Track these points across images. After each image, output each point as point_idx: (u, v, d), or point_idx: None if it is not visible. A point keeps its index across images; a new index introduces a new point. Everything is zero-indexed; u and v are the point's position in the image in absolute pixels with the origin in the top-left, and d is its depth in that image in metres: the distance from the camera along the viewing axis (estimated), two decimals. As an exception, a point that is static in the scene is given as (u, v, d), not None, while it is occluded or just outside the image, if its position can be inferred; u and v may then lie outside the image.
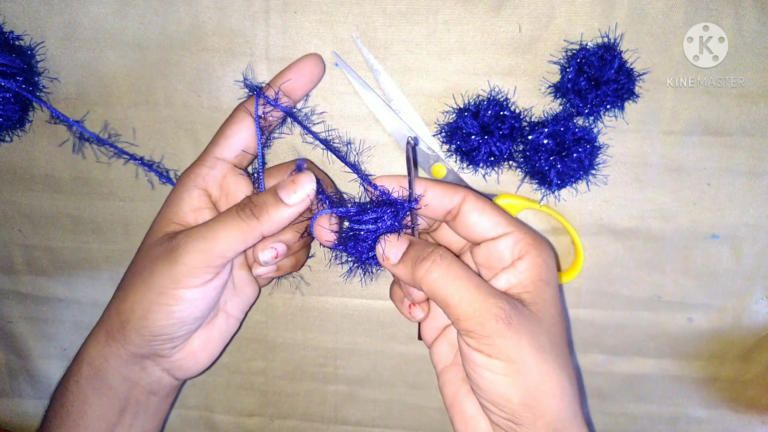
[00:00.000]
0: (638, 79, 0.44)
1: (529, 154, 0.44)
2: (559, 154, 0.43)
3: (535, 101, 0.46)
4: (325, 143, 0.45)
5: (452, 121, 0.46)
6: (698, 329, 0.51)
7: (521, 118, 0.45)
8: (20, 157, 0.50)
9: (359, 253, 0.41)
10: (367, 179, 0.42)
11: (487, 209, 0.40)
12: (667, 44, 0.44)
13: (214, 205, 0.42)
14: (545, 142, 0.43)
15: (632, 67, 0.44)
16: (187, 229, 0.40)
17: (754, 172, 0.47)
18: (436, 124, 0.47)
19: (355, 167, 0.43)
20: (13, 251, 0.53)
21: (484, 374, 0.36)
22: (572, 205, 0.48)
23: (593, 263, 0.49)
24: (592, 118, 0.45)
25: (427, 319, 0.44)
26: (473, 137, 0.44)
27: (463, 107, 0.45)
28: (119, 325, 0.40)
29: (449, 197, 0.40)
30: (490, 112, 0.44)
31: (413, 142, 0.38)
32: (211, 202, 0.42)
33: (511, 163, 0.47)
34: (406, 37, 0.45)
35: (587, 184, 0.46)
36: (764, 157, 0.46)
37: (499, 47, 0.45)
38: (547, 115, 0.46)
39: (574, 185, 0.46)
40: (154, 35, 0.46)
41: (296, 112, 0.44)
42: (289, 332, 0.54)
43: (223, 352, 0.47)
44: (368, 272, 0.42)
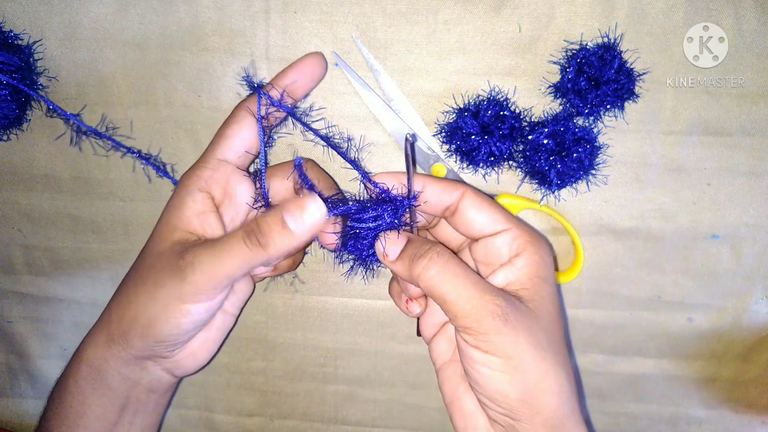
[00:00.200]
0: (638, 79, 0.44)
1: (529, 154, 0.44)
2: (559, 154, 0.43)
3: (535, 101, 0.46)
4: (326, 140, 0.45)
5: (452, 121, 0.46)
6: (698, 329, 0.51)
7: (521, 118, 0.45)
8: (20, 156, 0.50)
9: (359, 251, 0.41)
10: (366, 176, 0.42)
11: (485, 206, 0.40)
12: (667, 44, 0.44)
13: (217, 207, 0.42)
14: (545, 142, 0.43)
15: (632, 67, 0.44)
16: (194, 246, 0.39)
17: (754, 172, 0.47)
18: (436, 124, 0.47)
19: (355, 164, 0.43)
20: (13, 251, 0.53)
21: (481, 370, 0.36)
22: (572, 205, 0.48)
23: (593, 263, 0.49)
24: (592, 118, 0.45)
25: (425, 315, 0.44)
26: (473, 137, 0.44)
27: (463, 107, 0.45)
28: (121, 331, 0.40)
29: (448, 193, 0.40)
30: (490, 112, 0.44)
31: (411, 138, 0.38)
32: (214, 204, 0.42)
33: (511, 163, 0.47)
34: (406, 37, 0.45)
35: (587, 184, 0.46)
36: (764, 157, 0.46)
37: (499, 47, 0.45)
38: (547, 115, 0.46)
39: (574, 185, 0.46)
40: (154, 35, 0.46)
41: (296, 110, 0.44)
42: (289, 332, 0.54)
43: (221, 347, 0.47)
44: (369, 270, 0.42)
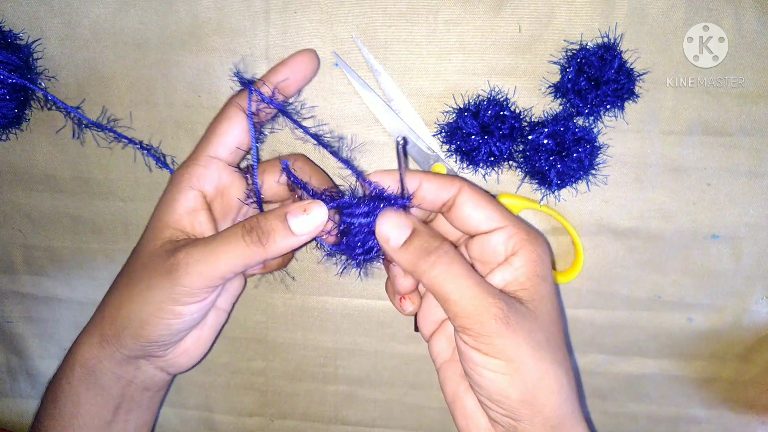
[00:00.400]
0: (638, 79, 0.44)
1: (529, 154, 0.44)
2: (559, 154, 0.43)
3: (535, 101, 0.46)
4: (315, 138, 0.44)
5: (452, 121, 0.45)
6: (698, 329, 0.51)
7: (521, 118, 0.45)
8: (20, 156, 0.50)
9: (351, 249, 0.40)
10: (360, 175, 0.41)
11: (482, 202, 0.39)
12: (667, 44, 0.44)
13: (209, 205, 0.42)
14: (545, 142, 0.43)
15: (632, 67, 0.44)
16: (187, 245, 0.39)
17: (754, 172, 0.47)
18: (436, 124, 0.47)
19: (348, 163, 0.43)
20: (13, 251, 0.53)
21: (482, 372, 0.36)
22: (572, 205, 0.48)
23: (593, 263, 0.49)
24: (592, 118, 0.45)
25: (423, 312, 0.44)
26: (473, 137, 0.44)
27: (463, 107, 0.45)
28: (114, 331, 0.40)
29: (445, 189, 0.40)
30: (490, 112, 0.44)
31: (403, 141, 0.37)
32: (205, 202, 0.42)
33: (511, 163, 0.47)
34: (406, 37, 0.45)
35: (587, 184, 0.46)
36: (764, 157, 0.46)
37: (499, 47, 0.45)
38: (547, 115, 0.46)
39: (574, 185, 0.46)
40: (154, 35, 0.46)
41: (288, 107, 0.44)
42: (289, 332, 0.54)
43: (214, 344, 0.47)
44: (362, 268, 0.42)
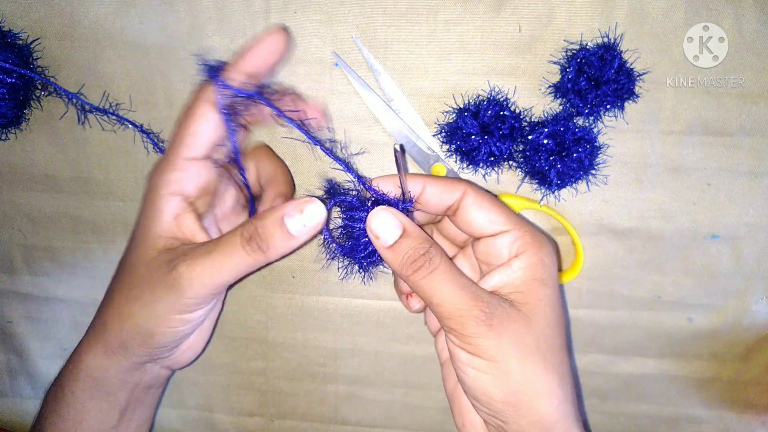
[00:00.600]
0: (638, 79, 0.44)
1: (529, 154, 0.44)
2: (559, 154, 0.43)
3: (535, 101, 0.46)
4: (297, 125, 0.41)
5: (452, 121, 0.45)
6: (698, 329, 0.51)
7: (521, 118, 0.45)
8: (20, 156, 0.50)
9: (352, 252, 0.40)
10: (360, 178, 0.40)
11: (486, 205, 0.39)
12: (667, 44, 0.44)
13: (193, 204, 0.41)
14: (545, 142, 0.43)
15: (632, 67, 0.44)
16: (186, 256, 0.38)
17: (754, 172, 0.46)
18: (436, 124, 0.47)
19: (343, 162, 0.41)
20: (13, 251, 0.53)
21: (467, 371, 0.36)
22: (572, 205, 0.48)
23: (593, 263, 0.49)
24: (592, 118, 0.45)
25: (426, 310, 0.44)
26: (473, 137, 0.44)
27: (463, 107, 0.45)
28: (119, 343, 0.40)
29: (448, 193, 0.39)
30: (490, 112, 0.44)
31: (400, 148, 0.37)
32: (189, 205, 0.41)
33: (511, 163, 0.47)
34: (406, 37, 0.45)
35: (587, 184, 0.46)
36: (764, 157, 0.46)
37: (499, 47, 0.45)
38: (547, 115, 0.46)
39: (574, 185, 0.46)
40: (154, 35, 0.46)
41: (264, 89, 0.40)
42: (289, 332, 0.54)
43: (213, 331, 0.47)
44: (364, 271, 0.42)
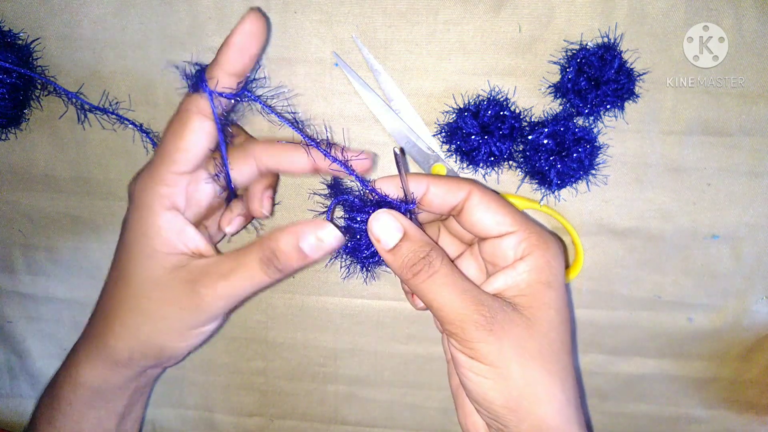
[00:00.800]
0: (638, 79, 0.44)
1: (529, 154, 0.44)
2: (559, 154, 0.43)
3: (535, 101, 0.46)
4: (288, 122, 0.40)
5: (452, 121, 0.45)
6: (698, 329, 0.51)
7: (521, 118, 0.45)
8: (20, 156, 0.50)
9: (355, 252, 0.40)
10: (363, 181, 0.40)
11: (492, 206, 0.39)
12: (667, 44, 0.44)
13: (184, 213, 0.41)
14: (545, 142, 0.43)
15: (632, 67, 0.44)
16: (205, 275, 0.39)
17: (754, 172, 0.46)
18: (436, 124, 0.47)
19: (316, 144, 0.40)
20: (13, 251, 0.53)
21: (468, 375, 0.36)
22: (572, 205, 0.48)
23: (593, 263, 0.49)
24: (592, 118, 0.45)
25: None
26: (473, 137, 0.44)
27: (463, 107, 0.45)
28: (127, 357, 0.40)
29: (453, 193, 0.39)
30: (490, 112, 0.44)
31: (400, 151, 0.37)
32: (184, 217, 0.40)
33: (511, 163, 0.47)
34: (406, 37, 0.45)
35: (587, 184, 0.46)
36: (764, 157, 0.46)
37: (499, 47, 0.45)
38: (547, 115, 0.46)
39: (574, 185, 0.46)
40: (154, 35, 0.46)
41: (251, 82, 0.40)
42: (289, 332, 0.54)
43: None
44: (367, 271, 0.42)
